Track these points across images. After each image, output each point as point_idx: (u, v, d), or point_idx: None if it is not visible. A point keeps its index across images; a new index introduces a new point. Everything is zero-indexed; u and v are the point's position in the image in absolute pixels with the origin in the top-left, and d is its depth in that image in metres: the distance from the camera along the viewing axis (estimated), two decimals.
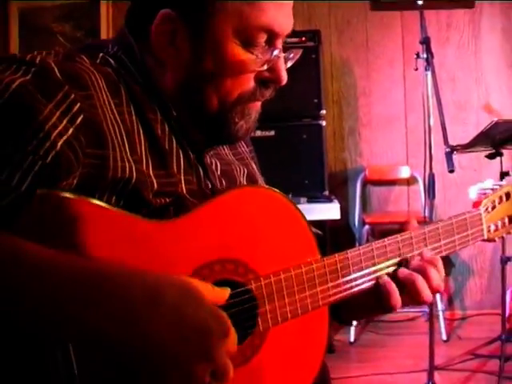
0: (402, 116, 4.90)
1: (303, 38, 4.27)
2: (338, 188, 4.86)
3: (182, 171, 1.16)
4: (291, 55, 1.22)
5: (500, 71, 4.92)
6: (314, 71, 4.28)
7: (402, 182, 4.88)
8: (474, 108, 4.91)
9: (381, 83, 4.91)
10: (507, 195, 1.54)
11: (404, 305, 1.24)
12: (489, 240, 1.49)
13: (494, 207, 1.50)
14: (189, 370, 0.90)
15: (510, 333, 3.66)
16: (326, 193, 4.21)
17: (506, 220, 1.53)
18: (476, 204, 1.47)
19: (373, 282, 1.23)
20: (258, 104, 1.22)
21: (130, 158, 1.07)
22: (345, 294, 1.19)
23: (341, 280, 1.18)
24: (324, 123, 4.24)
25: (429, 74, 3.03)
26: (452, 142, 3.03)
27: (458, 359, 3.77)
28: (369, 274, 1.22)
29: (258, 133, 4.15)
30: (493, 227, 1.49)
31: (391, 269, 1.25)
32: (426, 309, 4.51)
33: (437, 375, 3.38)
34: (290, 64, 1.24)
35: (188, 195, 1.14)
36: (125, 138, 1.08)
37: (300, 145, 4.19)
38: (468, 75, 4.92)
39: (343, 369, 3.81)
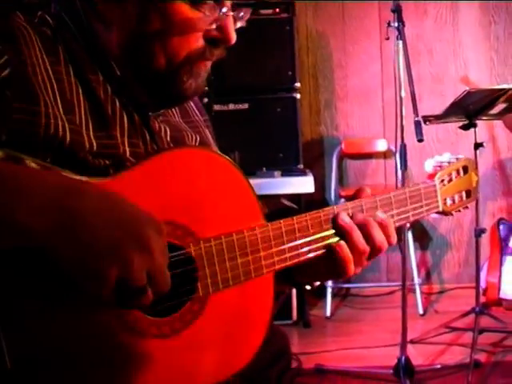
0: (378, 89, 4.84)
1: (277, 10, 4.18)
2: (314, 162, 4.81)
3: (125, 134, 1.13)
4: (241, 14, 1.18)
5: (478, 44, 4.87)
6: (289, 43, 4.19)
7: (379, 156, 4.83)
8: (451, 80, 4.86)
9: (357, 56, 4.84)
10: (465, 169, 1.50)
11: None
12: (445, 213, 1.45)
13: (450, 180, 1.45)
14: (126, 256, 0.86)
15: (484, 305, 3.64)
16: (301, 166, 4.15)
17: (464, 194, 1.49)
18: (431, 176, 1.43)
19: (321, 250, 1.18)
20: (208, 63, 1.19)
21: (64, 116, 1.03)
22: (291, 262, 1.14)
23: (286, 246, 1.12)
24: (298, 96, 4.17)
25: (400, 43, 2.96)
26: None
27: (433, 332, 3.75)
28: (316, 240, 1.17)
29: (232, 106, 4.09)
30: (449, 201, 1.45)
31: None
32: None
33: (412, 349, 3.37)
34: (240, 24, 1.19)
35: (132, 158, 1.10)
36: (58, 97, 1.04)
37: (274, 118, 4.12)
38: (446, 47, 4.87)
39: (319, 343, 3.80)
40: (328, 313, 4.31)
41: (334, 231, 1.18)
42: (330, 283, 4.35)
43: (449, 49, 4.88)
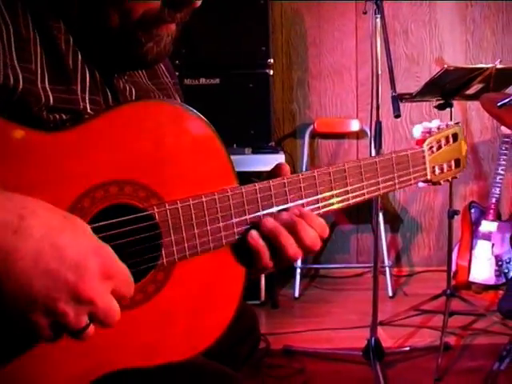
0: (352, 68, 4.75)
1: None
2: (286, 140, 4.73)
3: (87, 90, 1.04)
4: None
5: (454, 26, 4.80)
6: (263, 19, 4.09)
7: (352, 136, 4.75)
8: (426, 62, 4.79)
9: (332, 34, 4.74)
10: (454, 136, 1.42)
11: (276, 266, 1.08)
12: (433, 182, 1.37)
13: (439, 147, 1.37)
14: (58, 310, 0.78)
15: (454, 288, 3.61)
16: (272, 144, 4.07)
17: (453, 163, 1.41)
18: (419, 142, 1.35)
19: None
20: (171, 27, 1.10)
21: (17, 64, 0.93)
22: None
23: (261, 212, 1.03)
24: (271, 72, 4.07)
25: (378, 16, 2.88)
26: None
27: (403, 315, 3.71)
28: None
29: (203, 80, 3.98)
30: (438, 169, 1.36)
31: (322, 205, 1.11)
32: (372, 264, 4.46)
33: (381, 331, 3.32)
34: None
35: None
36: (13, 43, 0.94)
37: (246, 94, 4.02)
38: (421, 28, 4.80)
39: (287, 324, 3.74)
40: (296, 293, 4.24)
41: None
42: (299, 263, 4.28)
43: (424, 30, 4.80)
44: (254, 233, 1.02)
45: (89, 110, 1.01)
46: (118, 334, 0.92)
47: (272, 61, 4.08)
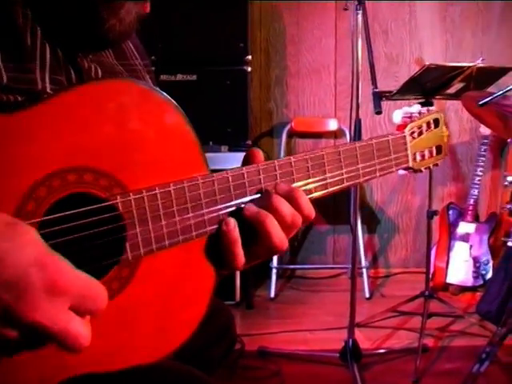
0: (331, 67, 4.70)
1: None
2: (263, 139, 4.67)
3: (47, 69, 0.96)
4: None
5: (434, 26, 4.77)
6: (242, 15, 4.02)
7: (329, 135, 4.69)
8: (406, 62, 4.75)
9: (311, 32, 4.69)
10: (436, 122, 1.36)
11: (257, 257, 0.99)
12: (414, 170, 1.30)
13: (420, 133, 1.31)
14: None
15: (432, 290, 3.57)
16: (249, 142, 4.01)
17: (434, 150, 1.35)
18: (400, 127, 1.28)
19: None
20: (136, 3, 1.02)
21: None
22: None
23: (234, 202, 0.96)
24: (249, 69, 4.01)
25: (360, 13, 2.82)
26: None
27: (380, 316, 3.66)
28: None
29: (179, 76, 3.91)
30: (419, 156, 1.30)
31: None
32: (349, 265, 4.42)
33: (358, 332, 3.26)
34: None
35: None
36: None
37: (223, 91, 3.95)
38: (401, 28, 4.76)
39: (263, 325, 3.68)
40: (272, 294, 4.18)
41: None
42: (274, 263, 4.22)
43: (404, 29, 4.77)
44: (231, 220, 0.93)
45: (49, 90, 0.94)
46: None
47: (250, 57, 4.02)
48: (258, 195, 0.97)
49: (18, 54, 0.92)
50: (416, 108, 1.35)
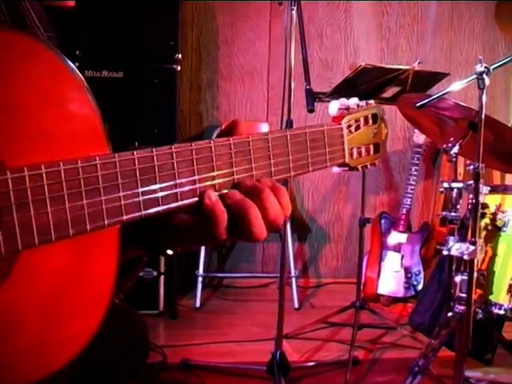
0: (264, 70, 4.58)
1: None
2: (192, 141, 4.49)
3: None
4: None
5: (369, 33, 4.74)
6: (172, 11, 3.85)
7: None
8: (340, 68, 4.69)
9: (244, 33, 4.56)
10: (374, 118, 1.22)
11: (232, 238, 0.88)
12: (351, 167, 1.15)
13: (358, 127, 1.16)
14: None
15: (363, 301, 3.47)
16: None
17: (371, 148, 1.21)
18: (336, 119, 1.13)
19: (193, 199, 0.85)
20: None
21: None
22: (146, 212, 0.80)
23: (139, 189, 0.79)
24: (179, 68, 3.84)
25: (294, 9, 2.70)
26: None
27: (310, 327, 3.53)
28: (182, 184, 0.84)
29: (105, 73, 3.71)
30: (356, 153, 1.15)
31: (218, 184, 0.88)
32: (278, 274, 4.29)
33: (286, 344, 3.12)
34: None
35: None
36: None
37: (151, 90, 3.77)
38: (337, 33, 4.68)
39: (188, 335, 3.51)
40: (198, 303, 4.01)
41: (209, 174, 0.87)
42: (201, 271, 4.06)
43: (340, 35, 4.70)
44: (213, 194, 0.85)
45: None
46: None
47: (180, 56, 3.85)
48: None
49: None
50: (354, 100, 1.21)
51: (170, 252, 0.95)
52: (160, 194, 0.81)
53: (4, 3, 0.95)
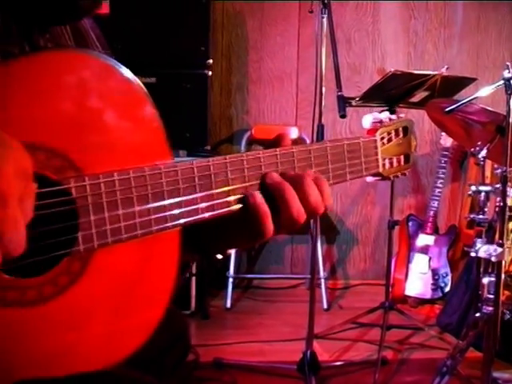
0: (293, 75, 4.65)
1: None
2: (223, 146, 4.59)
3: None
4: None
5: (397, 37, 4.77)
6: (203, 17, 3.93)
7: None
8: (368, 72, 4.73)
9: (274, 38, 4.62)
10: (405, 130, 1.30)
11: (277, 229, 0.96)
12: (383, 177, 1.23)
13: (390, 140, 1.24)
14: None
15: (391, 302, 3.51)
16: (208, 148, 3.92)
17: (402, 158, 1.29)
18: (370, 132, 1.21)
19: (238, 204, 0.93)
20: None
21: None
22: (203, 216, 0.88)
23: (198, 194, 0.87)
24: (210, 73, 3.92)
25: (325, 16, 2.77)
26: None
27: (339, 328, 3.59)
28: (235, 190, 0.92)
29: (138, 79, 3.78)
30: (388, 163, 1.23)
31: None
32: (307, 275, 4.35)
33: (316, 344, 3.18)
34: None
35: None
36: None
37: (183, 95, 3.86)
38: (364, 38, 4.73)
39: (219, 335, 3.58)
40: (228, 304, 4.08)
41: (258, 181, 0.94)
42: (231, 273, 4.13)
43: (367, 39, 4.74)
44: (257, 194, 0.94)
45: None
46: (19, 336, 0.75)
47: (211, 61, 3.93)
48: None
49: None
50: (385, 114, 1.30)
51: (219, 256, 1.03)
52: (218, 201, 0.89)
53: (69, 27, 1.04)
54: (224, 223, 0.95)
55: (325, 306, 4.14)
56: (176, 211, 0.84)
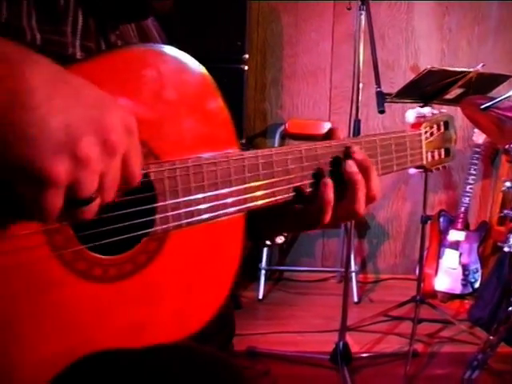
0: (327, 70, 4.69)
1: None
2: (257, 139, 4.64)
3: (78, 34, 0.92)
4: None
5: (430, 34, 4.78)
6: (240, 12, 4.00)
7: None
8: (402, 68, 4.76)
9: (308, 34, 4.67)
10: (446, 125, 1.36)
11: (334, 219, 1.02)
12: (426, 168, 1.30)
13: (432, 134, 1.30)
14: (81, 153, 0.63)
15: (423, 295, 3.56)
16: (243, 141, 3.99)
17: (443, 152, 1.35)
18: (415, 126, 1.28)
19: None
20: None
21: None
22: (263, 201, 0.95)
23: (262, 182, 0.93)
24: (246, 67, 3.98)
25: (363, 13, 2.82)
26: None
27: (370, 320, 3.64)
28: (295, 179, 0.99)
29: None
30: (430, 156, 1.30)
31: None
32: (338, 268, 4.42)
33: (348, 336, 3.24)
34: None
35: None
36: None
37: (220, 89, 3.91)
38: (398, 35, 4.76)
39: (252, 325, 3.64)
40: (261, 295, 4.15)
41: (311, 171, 1.01)
42: (263, 265, 4.20)
43: (401, 36, 4.77)
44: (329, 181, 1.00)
45: (78, 57, 0.90)
46: (101, 309, 0.82)
47: (247, 56, 3.99)
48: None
49: (52, 16, 0.88)
50: (428, 109, 1.36)
51: (268, 242, 1.10)
52: (279, 188, 0.96)
53: (135, 25, 1.10)
54: (280, 210, 1.01)
55: (355, 300, 4.20)
56: (241, 197, 0.91)
